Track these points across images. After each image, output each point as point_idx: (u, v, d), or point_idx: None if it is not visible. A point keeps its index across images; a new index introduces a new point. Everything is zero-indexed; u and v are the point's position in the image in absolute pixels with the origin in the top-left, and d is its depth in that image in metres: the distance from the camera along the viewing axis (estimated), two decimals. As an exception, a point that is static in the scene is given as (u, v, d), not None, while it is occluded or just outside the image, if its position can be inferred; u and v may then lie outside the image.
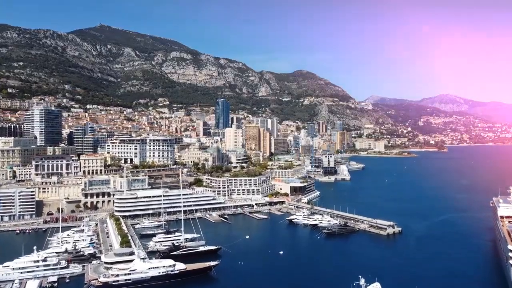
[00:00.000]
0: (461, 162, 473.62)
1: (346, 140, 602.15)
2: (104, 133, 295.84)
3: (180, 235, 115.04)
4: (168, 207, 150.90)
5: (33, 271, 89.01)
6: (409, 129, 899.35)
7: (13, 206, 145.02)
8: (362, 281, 71.56)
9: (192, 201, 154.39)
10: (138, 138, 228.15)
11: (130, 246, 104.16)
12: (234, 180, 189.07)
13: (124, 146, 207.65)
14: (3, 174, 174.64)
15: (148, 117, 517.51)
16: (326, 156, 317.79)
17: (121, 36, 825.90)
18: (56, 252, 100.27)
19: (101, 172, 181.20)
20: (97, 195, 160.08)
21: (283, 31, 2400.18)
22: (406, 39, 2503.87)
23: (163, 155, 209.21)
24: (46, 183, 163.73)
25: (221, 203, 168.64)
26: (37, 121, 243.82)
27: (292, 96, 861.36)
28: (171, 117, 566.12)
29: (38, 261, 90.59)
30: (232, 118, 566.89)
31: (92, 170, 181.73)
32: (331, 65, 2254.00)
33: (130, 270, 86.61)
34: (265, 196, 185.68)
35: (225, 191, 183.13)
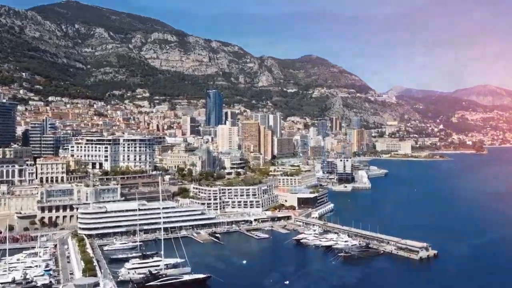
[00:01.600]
0: (506, 167, 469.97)
1: (365, 140, 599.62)
2: (69, 131, 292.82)
3: (160, 260, 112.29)
4: (146, 224, 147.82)
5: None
6: (441, 126, 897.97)
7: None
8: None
9: (176, 216, 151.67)
10: (110, 137, 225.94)
11: (96, 275, 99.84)
12: (228, 189, 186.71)
13: (92, 147, 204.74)
14: None
15: (123, 111, 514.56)
16: (341, 160, 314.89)
17: (92, 13, 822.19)
18: (1, 283, 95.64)
19: (62, 180, 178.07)
20: (57, 208, 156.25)
21: (288, 8, 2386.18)
22: (436, 20, 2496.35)
23: (140, 159, 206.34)
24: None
25: (211, 218, 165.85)
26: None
27: (299, 87, 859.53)
28: (152, 111, 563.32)
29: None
30: (226, 113, 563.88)
31: (52, 178, 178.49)
32: (346, 49, 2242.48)
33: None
34: (266, 210, 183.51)
35: (216, 203, 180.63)
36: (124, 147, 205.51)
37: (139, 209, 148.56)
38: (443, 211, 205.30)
